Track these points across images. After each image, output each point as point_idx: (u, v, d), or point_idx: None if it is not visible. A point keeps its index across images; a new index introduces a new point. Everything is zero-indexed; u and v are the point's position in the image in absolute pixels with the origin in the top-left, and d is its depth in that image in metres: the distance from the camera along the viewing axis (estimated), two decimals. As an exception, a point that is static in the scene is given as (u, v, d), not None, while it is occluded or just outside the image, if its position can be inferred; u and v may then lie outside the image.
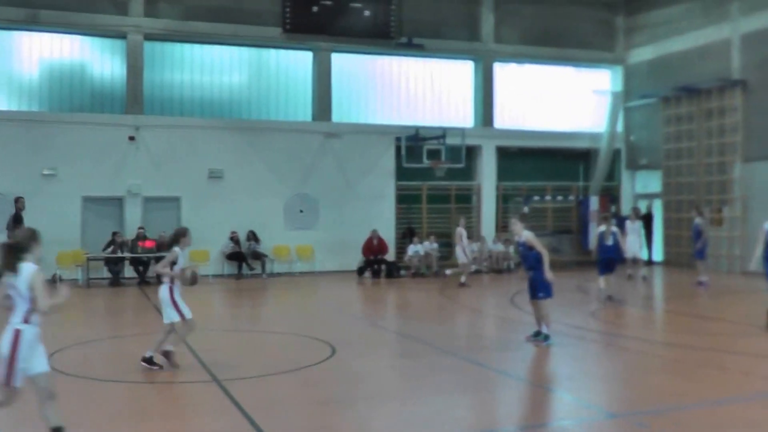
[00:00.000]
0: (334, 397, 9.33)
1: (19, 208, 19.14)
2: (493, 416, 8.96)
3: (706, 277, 21.36)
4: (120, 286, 22.39)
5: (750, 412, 8.68)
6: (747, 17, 25.36)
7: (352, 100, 27.73)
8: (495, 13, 28.92)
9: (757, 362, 11.44)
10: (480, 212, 28.50)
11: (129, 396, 9.55)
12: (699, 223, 21.61)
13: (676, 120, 28.04)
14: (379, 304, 20.88)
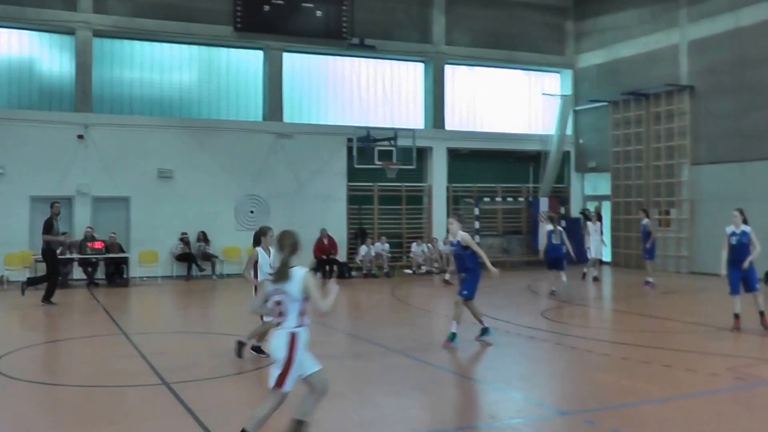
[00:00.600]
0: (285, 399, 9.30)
1: (54, 213, 18.86)
2: (445, 415, 9.02)
3: (653, 278, 21.77)
4: (69, 287, 22.06)
5: (694, 408, 8.87)
6: (695, 24, 25.83)
7: (304, 101, 27.67)
8: (446, 15, 29.07)
9: (701, 359, 11.67)
10: (431, 213, 28.61)
11: (77, 401, 9.42)
12: (646, 224, 22.04)
13: (625, 123, 28.46)
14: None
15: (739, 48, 24.29)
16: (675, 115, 26.44)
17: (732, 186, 24.29)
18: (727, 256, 14.33)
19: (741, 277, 14.09)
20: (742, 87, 24.16)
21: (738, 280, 14.12)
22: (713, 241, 24.13)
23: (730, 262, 14.26)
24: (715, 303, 19.04)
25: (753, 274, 14.15)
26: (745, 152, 23.99)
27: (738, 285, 14.12)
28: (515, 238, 29.51)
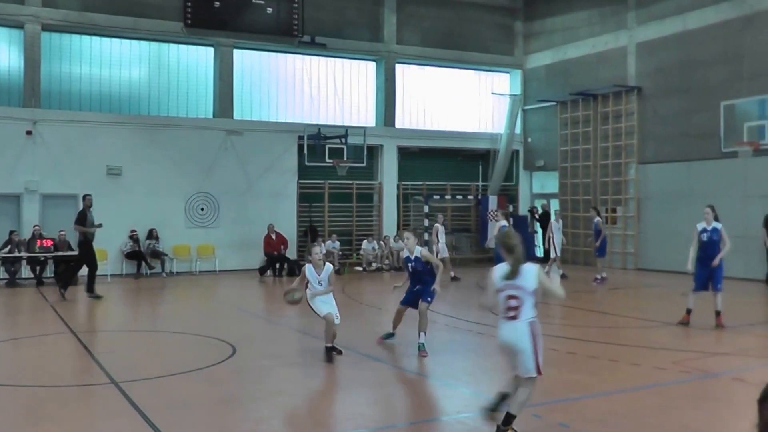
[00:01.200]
0: (234, 397, 9.30)
1: (87, 206, 18.93)
2: (393, 411, 9.10)
3: (605, 274, 22.20)
4: (17, 286, 21.78)
5: (639, 401, 9.07)
6: (643, 26, 26.30)
7: (254, 98, 27.61)
8: (397, 15, 29.21)
9: (647, 353, 11.92)
10: (381, 211, 28.75)
11: (25, 401, 9.31)
12: (598, 222, 22.45)
13: (573, 123, 28.86)
14: (280, 302, 20.75)
15: (685, 50, 24.77)
16: (622, 115, 26.88)
17: (678, 184, 24.83)
18: (696, 252, 14.36)
19: (708, 274, 14.17)
20: (688, 88, 24.65)
21: (705, 277, 14.19)
22: (659, 238, 24.71)
23: (699, 259, 14.32)
24: (661, 299, 19.46)
25: (720, 272, 14.18)
26: (690, 152, 24.47)
27: (704, 282, 14.19)
28: (464, 235, 29.76)
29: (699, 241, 14.27)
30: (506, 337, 7.40)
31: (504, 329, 7.40)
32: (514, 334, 7.34)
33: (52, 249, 22.29)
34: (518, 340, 7.33)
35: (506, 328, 7.38)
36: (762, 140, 21.22)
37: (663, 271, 24.23)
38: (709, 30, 24.10)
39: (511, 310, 7.34)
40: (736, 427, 8.00)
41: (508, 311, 7.36)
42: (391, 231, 28.02)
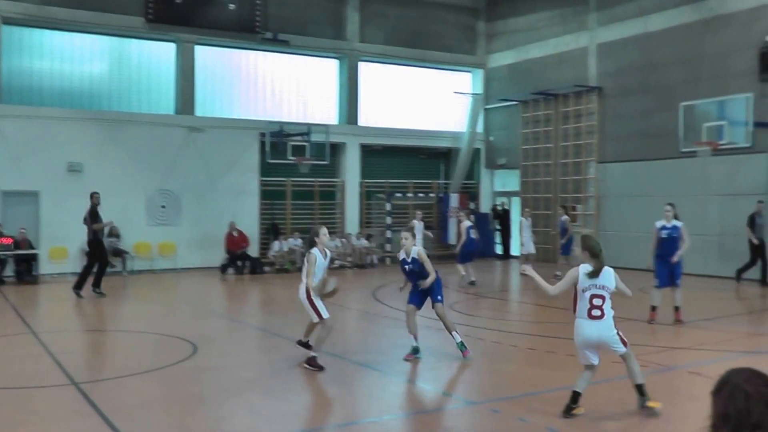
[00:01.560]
0: (195, 396, 9.30)
1: (95, 203, 18.80)
2: (355, 408, 9.15)
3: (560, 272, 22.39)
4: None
5: (597, 395, 9.18)
6: (604, 28, 26.60)
7: (216, 94, 27.47)
8: (360, 12, 29.24)
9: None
10: (344, 209, 28.77)
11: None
12: (565, 220, 22.69)
13: (534, 122, 29.11)
14: (242, 300, 20.82)
15: (646, 52, 25.08)
16: (583, 114, 27.17)
17: (636, 183, 25.17)
18: (655, 249, 14.54)
19: (669, 271, 14.35)
20: (648, 89, 24.96)
21: (666, 273, 14.37)
22: (618, 236, 25.00)
23: (659, 256, 14.50)
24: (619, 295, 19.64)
25: (679, 269, 14.39)
26: (649, 151, 24.78)
27: (666, 278, 14.36)
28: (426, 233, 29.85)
29: (659, 239, 14.46)
30: (593, 335, 8.13)
31: (590, 328, 8.12)
32: (601, 332, 8.13)
33: (12, 247, 21.98)
34: (604, 336, 8.14)
35: (593, 327, 8.12)
36: (720, 140, 21.56)
37: (622, 267, 24.34)
38: (669, 32, 24.41)
39: (596, 309, 8.10)
40: (693, 419, 8.15)
41: (593, 310, 8.10)
42: (353, 229, 28.06)
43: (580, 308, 8.17)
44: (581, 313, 8.16)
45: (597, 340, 8.17)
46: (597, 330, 8.12)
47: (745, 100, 21.39)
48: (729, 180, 22.46)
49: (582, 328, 8.17)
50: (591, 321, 8.10)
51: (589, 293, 8.11)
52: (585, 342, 8.20)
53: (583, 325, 8.15)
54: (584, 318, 8.13)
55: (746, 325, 14.40)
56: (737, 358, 11.11)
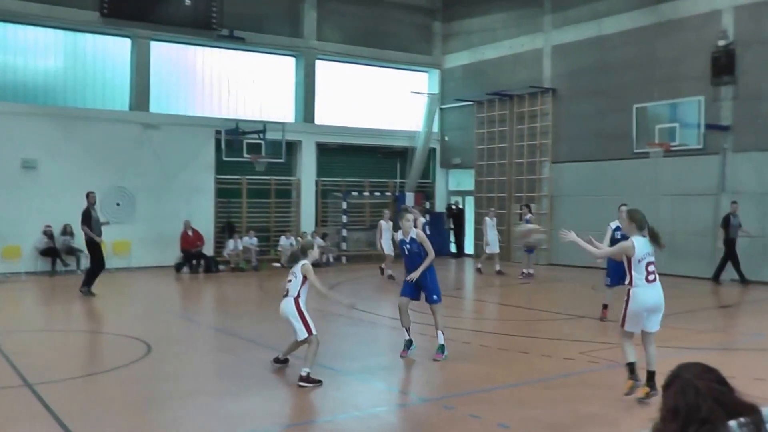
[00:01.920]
0: (149, 397, 9.27)
1: (90, 203, 18.73)
2: (310, 407, 9.18)
3: (532, 270, 22.69)
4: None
5: (549, 391, 9.35)
6: (558, 30, 26.89)
7: (172, 91, 27.23)
8: (317, 11, 29.20)
9: (557, 345, 12.27)
10: (299, 207, 28.71)
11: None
12: (529, 219, 22.96)
13: (489, 122, 29.34)
14: (196, 299, 20.72)
15: (600, 54, 25.39)
16: (537, 115, 27.43)
17: (590, 183, 25.50)
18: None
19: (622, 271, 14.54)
20: (601, 91, 25.26)
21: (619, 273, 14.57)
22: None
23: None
24: (572, 293, 19.96)
25: None
26: (603, 152, 25.10)
27: (618, 277, 14.59)
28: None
29: (612, 239, 14.66)
30: (654, 298, 8.73)
31: (652, 292, 8.71)
32: (659, 296, 8.76)
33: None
34: (661, 299, 8.79)
35: (654, 290, 8.73)
36: (672, 142, 21.90)
37: (574, 266, 24.79)
38: (623, 35, 24.74)
39: (652, 274, 8.72)
40: (643, 413, 8.31)
41: (649, 275, 8.70)
42: (309, 227, 28.02)
43: (636, 277, 8.71)
44: (639, 281, 8.70)
45: (656, 303, 8.74)
46: (656, 293, 8.74)
47: (697, 102, 21.73)
48: (681, 181, 22.83)
49: (642, 295, 8.67)
50: (650, 285, 8.68)
51: (645, 261, 8.74)
52: (645, 307, 8.68)
53: (644, 292, 8.68)
54: (643, 285, 8.68)
55: (694, 322, 14.63)
56: (685, 354, 11.29)
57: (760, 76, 21.24)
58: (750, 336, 12.92)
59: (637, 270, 8.72)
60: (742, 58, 21.60)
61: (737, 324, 15.00)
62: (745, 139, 21.57)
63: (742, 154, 21.64)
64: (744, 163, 21.65)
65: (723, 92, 21.98)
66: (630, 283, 8.76)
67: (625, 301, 8.78)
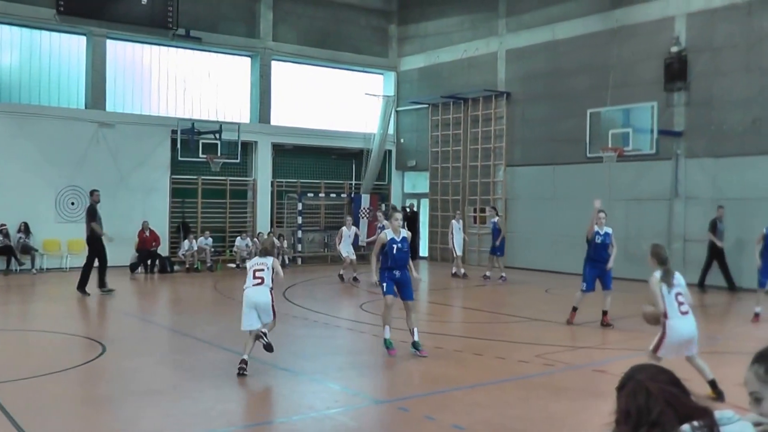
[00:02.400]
0: (104, 397, 9.22)
1: (95, 201, 18.97)
2: (264, 408, 9.20)
3: (489, 273, 22.83)
4: None
5: (503, 393, 9.45)
6: (512, 34, 27.14)
7: (128, 90, 27.01)
8: (273, 11, 29.15)
9: (512, 347, 12.39)
10: (255, 208, 28.62)
11: None
12: (497, 221, 23.11)
13: (444, 125, 29.52)
14: (151, 300, 20.58)
15: (554, 59, 25.67)
16: (492, 118, 27.64)
17: (543, 187, 25.74)
18: (588, 253, 14.91)
19: (597, 275, 14.69)
20: (555, 95, 25.54)
21: (595, 277, 14.70)
22: (525, 238, 25.57)
23: (591, 260, 14.86)
24: (526, 295, 20.13)
25: (610, 273, 14.81)
26: (557, 155, 25.35)
27: (594, 282, 14.68)
28: (336, 233, 29.88)
29: (593, 243, 14.81)
30: (690, 330, 8.78)
31: (687, 324, 8.75)
32: (694, 326, 8.82)
33: None
34: (696, 330, 8.85)
35: (688, 322, 8.78)
36: (626, 147, 22.15)
37: (528, 269, 25.05)
38: (576, 41, 25.04)
39: (683, 305, 8.76)
40: (596, 416, 8.42)
41: (681, 306, 8.73)
42: (264, 228, 27.93)
43: (670, 310, 8.71)
44: (673, 313, 8.72)
45: (690, 335, 8.79)
46: (690, 325, 8.80)
47: (650, 108, 21.99)
48: (634, 185, 23.15)
49: (679, 327, 8.71)
50: (684, 317, 8.75)
51: (674, 292, 8.77)
52: (681, 339, 8.73)
53: (680, 324, 8.72)
54: (677, 317, 8.73)
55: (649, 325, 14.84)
56: (640, 356, 11.47)
57: (712, 83, 21.63)
58: (706, 339, 13.12)
59: (668, 303, 8.74)
60: (694, 65, 21.97)
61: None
62: (698, 144, 21.95)
63: (695, 159, 22.02)
64: (696, 168, 22.02)
65: (676, 98, 22.36)
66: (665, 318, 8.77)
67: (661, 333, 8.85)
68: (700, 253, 20.82)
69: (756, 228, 20.27)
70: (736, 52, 21.18)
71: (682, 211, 22.00)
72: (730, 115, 21.25)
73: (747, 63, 20.95)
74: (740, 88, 21.07)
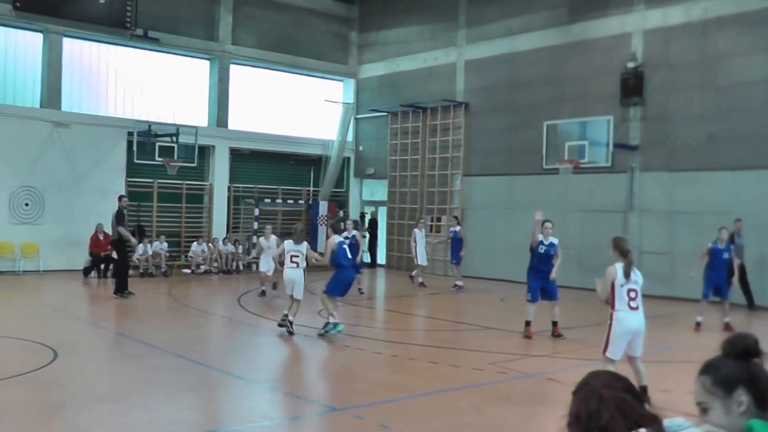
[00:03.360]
0: (55, 405, 9.05)
1: (123, 206, 19.14)
2: (217, 416, 9.12)
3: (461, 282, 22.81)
4: None
5: (457, 401, 9.48)
6: (472, 45, 27.32)
7: (84, 89, 26.61)
8: (233, 14, 28.99)
9: (466, 355, 12.46)
10: (211, 213, 28.38)
11: None
12: (458, 231, 23.12)
13: (403, 134, 29.59)
14: (104, 305, 20.26)
15: (512, 70, 25.88)
16: (450, 128, 27.77)
17: (500, 197, 25.91)
18: (531, 263, 14.86)
19: (541, 286, 14.62)
20: (513, 107, 25.76)
21: (539, 288, 14.61)
22: (481, 247, 25.70)
23: (534, 270, 14.77)
24: (482, 304, 20.23)
25: (554, 283, 14.70)
26: (513, 166, 25.55)
27: (538, 293, 14.60)
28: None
29: (536, 253, 14.81)
30: (635, 324, 9.16)
31: (634, 319, 9.14)
32: (640, 322, 9.20)
33: None
34: (642, 326, 9.24)
35: (636, 317, 9.16)
36: (582, 159, 22.39)
37: (484, 278, 25.17)
38: (535, 53, 25.28)
39: (633, 301, 9.16)
40: (548, 423, 8.51)
41: (631, 302, 9.15)
42: (220, 233, 27.72)
43: (618, 302, 9.17)
44: (621, 306, 9.16)
45: (637, 329, 9.19)
46: (638, 320, 9.18)
47: (607, 122, 22.26)
48: (589, 197, 23.40)
49: (625, 320, 9.12)
50: (632, 312, 9.15)
51: (626, 287, 9.16)
52: (627, 331, 9.13)
53: (626, 317, 9.13)
54: (625, 310, 9.14)
55: (601, 334, 14.98)
56: (592, 365, 11.56)
57: (668, 99, 21.97)
58: (659, 348, 13.29)
59: (619, 295, 9.16)
60: (650, 80, 22.29)
61: (648, 336, 15.36)
62: (653, 158, 22.26)
63: (650, 173, 22.33)
64: (651, 182, 22.34)
65: (632, 113, 22.66)
66: (613, 308, 9.19)
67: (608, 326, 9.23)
68: (655, 265, 21.09)
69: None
70: (691, 70, 21.53)
71: (637, 223, 22.27)
72: (685, 131, 21.59)
73: (702, 80, 21.30)
74: (695, 105, 21.42)
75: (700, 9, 21.33)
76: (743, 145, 20.44)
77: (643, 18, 22.61)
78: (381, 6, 31.19)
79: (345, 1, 31.93)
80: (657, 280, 21.24)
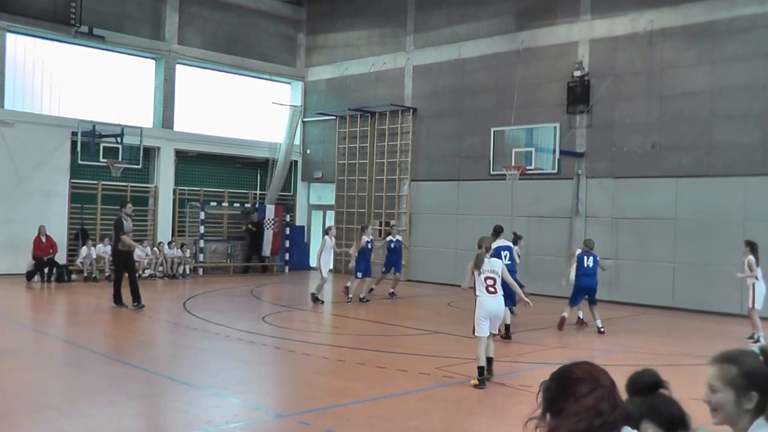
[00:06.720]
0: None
1: (127, 214, 18.28)
2: (161, 423, 9.01)
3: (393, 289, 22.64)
4: None
5: (404, 405, 9.48)
6: (420, 51, 27.46)
7: (27, 87, 26.06)
8: (179, 14, 28.67)
9: (414, 360, 12.44)
10: (156, 216, 28.02)
11: None
12: (401, 239, 22.99)
13: (351, 138, 29.56)
14: (47, 310, 19.91)
15: (459, 77, 26.05)
16: (398, 133, 27.82)
17: (448, 202, 26.02)
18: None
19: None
20: (460, 113, 25.92)
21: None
22: (429, 252, 25.84)
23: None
24: (429, 309, 20.29)
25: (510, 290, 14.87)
26: (461, 172, 25.69)
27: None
28: (240, 243, 29.59)
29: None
30: (496, 307, 10.78)
31: (492, 302, 10.70)
32: (499, 305, 10.86)
33: None
34: (501, 308, 11.04)
35: (494, 301, 10.71)
36: (528, 166, 22.54)
37: (431, 282, 25.27)
38: (482, 60, 25.48)
39: (491, 287, 10.71)
40: (494, 427, 8.54)
41: (489, 288, 10.69)
42: (165, 237, 27.35)
43: (479, 288, 10.72)
44: (481, 291, 10.71)
45: (496, 311, 10.80)
46: (496, 303, 10.76)
47: (553, 129, 22.40)
48: (536, 203, 23.63)
49: (485, 303, 10.67)
50: (490, 296, 10.67)
51: (483, 275, 10.71)
52: (488, 312, 10.62)
53: (486, 301, 10.67)
54: (484, 295, 10.69)
55: (549, 338, 15.14)
56: (540, 369, 11.65)
57: (614, 107, 22.30)
58: (601, 352, 13.43)
59: (479, 282, 10.76)
60: (596, 89, 22.59)
61: (590, 340, 15.51)
62: (598, 165, 22.57)
63: (595, 179, 22.64)
64: (597, 188, 22.64)
65: (578, 120, 22.95)
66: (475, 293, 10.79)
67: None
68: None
69: (653, 246, 21.07)
70: (637, 79, 21.87)
71: (582, 228, 22.50)
72: (630, 139, 21.94)
73: (647, 90, 21.65)
74: (640, 114, 21.78)
75: (646, 20, 21.68)
76: (686, 153, 20.88)
77: (590, 27, 22.91)
78: (329, 8, 31.14)
79: (293, 3, 31.79)
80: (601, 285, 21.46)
